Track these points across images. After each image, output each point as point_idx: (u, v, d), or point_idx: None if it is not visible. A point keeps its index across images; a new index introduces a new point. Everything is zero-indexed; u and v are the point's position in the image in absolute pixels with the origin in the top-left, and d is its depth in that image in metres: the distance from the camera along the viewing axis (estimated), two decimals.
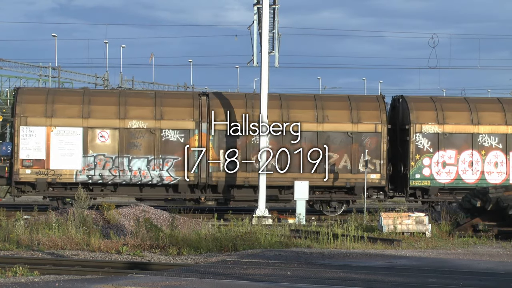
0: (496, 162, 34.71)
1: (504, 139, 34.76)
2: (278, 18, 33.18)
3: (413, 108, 34.98)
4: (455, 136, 34.74)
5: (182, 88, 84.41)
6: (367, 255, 21.26)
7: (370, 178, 33.88)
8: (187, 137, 33.56)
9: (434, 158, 34.39)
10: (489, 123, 34.93)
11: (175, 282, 16.09)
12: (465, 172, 34.65)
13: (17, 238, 22.65)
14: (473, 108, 35.18)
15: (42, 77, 75.34)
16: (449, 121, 34.82)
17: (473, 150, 34.65)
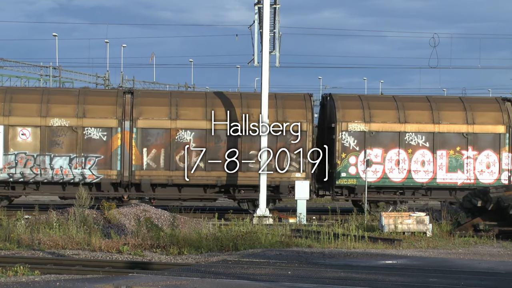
0: (423, 161, 34.40)
1: (431, 138, 34.46)
2: (279, 18, 33.20)
3: (339, 106, 34.65)
4: (382, 135, 34.43)
5: (182, 88, 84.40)
6: (368, 254, 21.27)
7: (295, 176, 33.69)
8: (109, 136, 33.48)
9: (361, 157, 34.04)
10: (416, 121, 34.59)
11: (176, 282, 16.10)
12: (391, 171, 34.35)
13: (18, 238, 22.65)
14: (400, 107, 34.85)
15: (43, 76, 75.34)
16: (376, 120, 34.45)
17: (400, 149, 34.36)
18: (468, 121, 34.84)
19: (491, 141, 34.92)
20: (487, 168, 34.78)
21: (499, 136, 34.89)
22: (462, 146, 34.63)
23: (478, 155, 34.78)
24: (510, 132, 34.90)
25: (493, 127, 35.04)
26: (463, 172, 34.14)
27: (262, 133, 32.57)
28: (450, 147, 34.61)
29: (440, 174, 34.57)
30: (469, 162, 34.52)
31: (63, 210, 26.77)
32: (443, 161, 34.56)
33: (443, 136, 34.63)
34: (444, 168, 34.58)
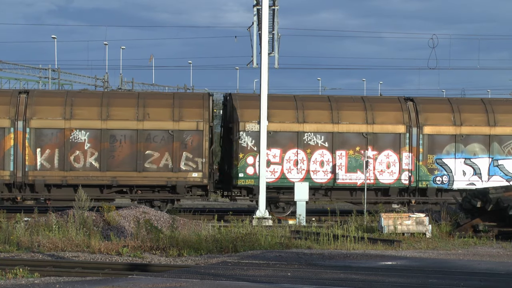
0: (322, 161, 34.21)
1: (331, 138, 34.25)
2: (278, 19, 33.20)
3: (238, 106, 34.50)
4: (280, 135, 34.22)
5: (182, 90, 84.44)
6: (367, 255, 21.26)
7: (192, 176, 33.64)
8: (2, 136, 33.44)
9: (259, 157, 33.71)
10: (315, 121, 34.38)
11: (176, 284, 16.09)
12: (290, 171, 34.15)
13: (17, 240, 22.65)
14: (300, 106, 34.61)
15: (42, 79, 75.37)
16: (274, 119, 34.14)
17: (298, 149, 34.17)
18: (368, 120, 34.43)
19: (392, 141, 34.62)
20: (387, 168, 34.48)
21: (399, 136, 34.61)
22: (362, 146, 34.32)
23: (378, 155, 34.48)
24: (411, 132, 34.60)
25: (393, 126, 34.72)
26: (363, 172, 33.61)
27: (262, 132, 32.58)
28: (349, 147, 34.28)
29: (340, 175, 34.31)
30: (369, 162, 34.07)
31: (63, 212, 26.77)
32: (343, 161, 34.29)
33: (342, 136, 34.35)
34: (343, 168, 34.30)
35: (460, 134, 34.79)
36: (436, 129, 34.69)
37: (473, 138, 34.97)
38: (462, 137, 34.76)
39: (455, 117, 35.05)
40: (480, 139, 34.94)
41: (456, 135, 34.81)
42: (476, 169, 34.80)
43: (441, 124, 34.92)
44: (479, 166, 34.83)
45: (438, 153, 34.72)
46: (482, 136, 34.96)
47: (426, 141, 34.62)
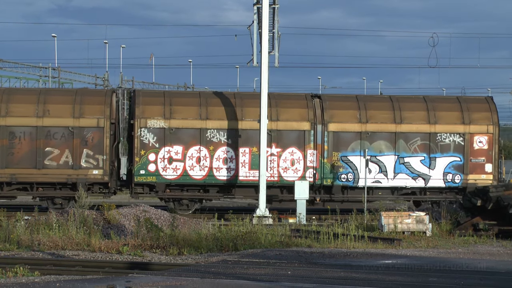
0: (226, 158, 33.88)
1: (234, 135, 33.95)
2: (278, 18, 33.19)
3: (140, 102, 34.12)
4: (183, 132, 33.88)
5: (182, 88, 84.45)
6: (367, 254, 21.27)
7: (92, 174, 33.40)
8: None
9: (160, 154, 33.54)
10: (218, 118, 34.10)
11: (176, 282, 16.10)
12: (192, 168, 33.82)
13: (17, 239, 22.66)
14: (203, 103, 34.32)
15: (42, 77, 75.35)
16: (176, 116, 33.92)
17: (201, 146, 33.85)
18: (272, 117, 33.99)
19: (296, 138, 34.22)
20: (292, 165, 34.10)
21: (304, 133, 34.23)
22: (266, 143, 33.65)
23: (283, 152, 34.09)
24: (316, 129, 34.25)
25: (298, 123, 34.29)
26: (266, 169, 33.19)
27: (262, 132, 32.58)
28: (253, 144, 33.90)
29: (243, 172, 33.96)
30: (273, 159, 33.87)
31: (63, 211, 26.77)
32: (246, 158, 33.98)
33: (246, 133, 34.01)
34: (247, 165, 33.98)
35: (365, 132, 34.39)
36: (341, 126, 34.21)
37: (379, 136, 34.55)
38: (368, 134, 34.36)
39: (361, 114, 34.57)
40: (386, 137, 34.54)
41: (361, 133, 34.39)
42: (382, 167, 34.41)
43: (346, 121, 34.42)
44: (384, 164, 34.43)
45: (343, 150, 34.32)
46: (388, 133, 34.56)
47: (331, 139, 34.22)
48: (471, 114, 35.21)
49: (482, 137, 35.09)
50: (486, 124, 35.28)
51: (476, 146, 35.05)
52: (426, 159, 34.68)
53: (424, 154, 34.70)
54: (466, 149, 34.89)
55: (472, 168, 34.89)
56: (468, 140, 34.93)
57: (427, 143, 34.72)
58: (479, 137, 35.08)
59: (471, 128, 34.94)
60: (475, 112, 35.39)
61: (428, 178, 34.63)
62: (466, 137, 34.92)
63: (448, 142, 34.87)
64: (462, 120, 34.98)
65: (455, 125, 34.99)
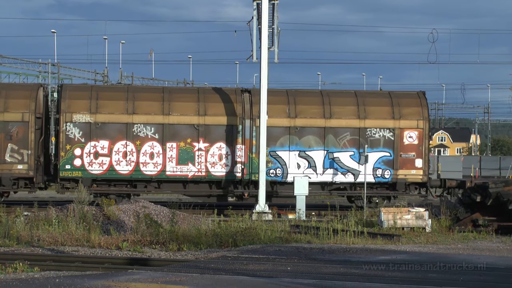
0: (152, 153, 33.72)
1: (161, 130, 33.75)
2: (278, 14, 33.18)
3: (66, 97, 33.93)
4: (109, 126, 33.72)
5: (181, 84, 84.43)
6: (367, 250, 21.27)
7: (17, 168, 33.32)
8: None
9: (86, 149, 33.44)
10: (145, 113, 33.92)
11: (175, 278, 16.11)
12: (119, 163, 33.65)
13: (17, 235, 22.66)
14: (130, 98, 34.09)
15: (42, 73, 75.32)
16: (103, 111, 33.72)
17: (127, 141, 33.65)
18: (200, 112, 33.90)
19: (224, 133, 34.08)
20: (220, 160, 33.95)
21: (231, 128, 34.07)
22: (193, 138, 33.87)
23: (210, 147, 33.97)
24: (244, 124, 34.06)
25: (226, 118, 34.19)
26: (194, 164, 33.38)
27: (262, 129, 32.57)
28: (181, 139, 33.79)
29: (170, 167, 33.79)
30: (200, 155, 33.81)
31: (63, 207, 26.77)
32: (173, 153, 33.81)
33: (173, 128, 33.85)
34: (174, 160, 33.83)
35: (294, 127, 34.23)
36: (270, 121, 33.67)
37: (308, 131, 34.38)
38: (297, 129, 34.21)
39: (290, 109, 34.41)
40: (315, 132, 34.39)
41: (290, 127, 34.25)
42: (311, 162, 34.25)
43: (275, 116, 34.14)
44: (314, 159, 34.29)
45: (272, 145, 34.11)
46: (317, 128, 34.40)
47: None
48: (402, 109, 34.92)
49: (412, 132, 34.85)
50: (417, 119, 35.00)
51: (406, 141, 34.79)
52: (356, 154, 34.45)
53: (354, 149, 34.50)
54: (396, 144, 34.67)
55: (402, 163, 34.64)
56: (398, 135, 34.70)
57: (356, 138, 34.51)
58: (409, 132, 34.83)
59: (401, 123, 34.67)
60: (405, 107, 35.11)
61: (357, 173, 34.39)
62: (396, 132, 34.69)
63: (378, 137, 34.65)
64: (392, 115, 34.73)
65: (385, 120, 34.72)
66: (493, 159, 74.08)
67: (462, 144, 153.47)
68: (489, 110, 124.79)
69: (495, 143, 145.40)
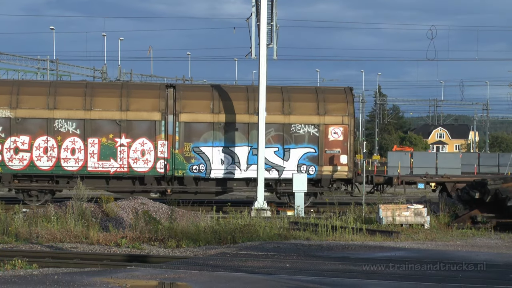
0: (74, 149, 33.37)
1: (82, 125, 33.44)
2: (276, 11, 33.16)
3: None
4: (30, 121, 33.35)
5: (180, 81, 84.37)
6: (366, 247, 21.28)
7: None
8: None
9: (6, 144, 33.09)
10: (66, 108, 33.56)
11: (174, 275, 16.11)
12: (39, 158, 33.31)
13: (15, 231, 22.65)
14: (52, 93, 33.72)
15: (40, 70, 75.28)
16: (23, 106, 33.41)
17: (48, 136, 33.31)
18: (122, 107, 33.63)
19: (147, 128, 33.76)
20: (142, 156, 33.67)
21: (154, 123, 33.80)
22: (115, 134, 33.54)
23: (133, 142, 33.63)
24: (167, 119, 33.79)
25: (149, 114, 33.87)
26: (116, 160, 33.17)
27: (260, 127, 32.56)
28: (102, 135, 33.51)
29: (91, 162, 33.52)
30: (122, 150, 33.54)
31: (61, 204, 26.76)
32: (95, 148, 33.53)
33: (95, 123, 33.56)
34: (96, 156, 33.54)
35: (218, 122, 33.91)
36: (193, 116, 33.73)
37: (232, 126, 34.07)
38: (221, 125, 33.93)
39: (213, 104, 34.15)
40: (239, 127, 34.08)
41: (214, 123, 33.95)
42: (235, 158, 33.93)
43: (198, 111, 33.98)
44: (238, 155, 33.94)
45: (195, 141, 33.87)
46: (242, 124, 34.06)
47: (183, 129, 33.77)
48: (327, 105, 34.47)
49: (337, 128, 34.45)
50: (342, 115, 34.58)
51: (331, 137, 34.39)
52: (280, 150, 34.15)
53: (278, 145, 34.17)
54: (321, 140, 34.27)
55: (327, 159, 34.25)
56: (323, 131, 34.30)
57: (281, 134, 34.15)
58: (334, 128, 34.44)
59: (326, 119, 34.22)
60: (331, 103, 34.68)
61: (282, 169, 34.10)
62: (321, 128, 34.29)
63: (302, 133, 34.27)
64: (317, 111, 34.33)
65: (310, 116, 34.32)
66: (492, 156, 74.20)
67: (460, 141, 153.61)
68: (488, 107, 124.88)
69: (494, 139, 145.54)
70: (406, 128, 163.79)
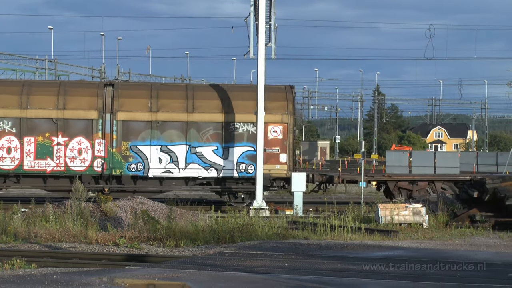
0: (10, 147, 33.21)
1: (18, 123, 33.21)
2: (275, 10, 33.18)
3: None
4: None
5: (179, 81, 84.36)
6: (364, 246, 21.28)
7: None
8: None
9: None
10: (2, 106, 33.32)
11: (173, 274, 16.11)
12: None
13: (14, 231, 22.65)
14: None
15: (39, 69, 75.24)
16: None
17: None
18: (59, 106, 33.38)
19: (84, 127, 33.56)
20: (79, 155, 33.48)
21: (91, 122, 33.58)
22: (52, 132, 33.33)
23: (70, 141, 33.43)
24: (104, 118, 33.58)
25: (86, 112, 33.63)
26: (52, 159, 32.93)
27: (259, 126, 32.55)
28: (39, 133, 33.27)
29: (28, 161, 33.28)
30: (59, 149, 33.39)
31: (60, 203, 26.76)
32: (31, 147, 33.30)
33: (31, 122, 33.33)
34: (32, 155, 33.33)
35: (156, 121, 33.73)
36: (131, 115, 33.59)
37: (170, 125, 33.88)
38: (158, 123, 33.73)
39: (152, 103, 33.98)
40: (177, 126, 33.87)
41: (152, 122, 33.77)
42: (173, 157, 33.74)
43: (136, 110, 33.83)
44: (176, 154, 33.77)
45: (133, 140, 33.67)
46: (180, 123, 33.87)
47: (120, 128, 33.57)
48: (267, 103, 33.95)
49: (276, 127, 34.17)
50: (281, 114, 34.29)
51: (270, 135, 34.13)
52: (219, 149, 33.95)
53: (217, 143, 33.97)
54: None
55: (266, 158, 33.80)
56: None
57: (220, 133, 33.97)
58: (273, 126, 34.18)
59: (265, 118, 33.72)
60: (270, 102, 34.28)
61: (221, 168, 33.88)
62: None
63: (241, 131, 34.04)
64: (256, 109, 33.80)
65: (249, 114, 33.94)
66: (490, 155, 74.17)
67: (459, 140, 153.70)
68: (486, 106, 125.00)
69: (492, 138, 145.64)
70: (404, 127, 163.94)
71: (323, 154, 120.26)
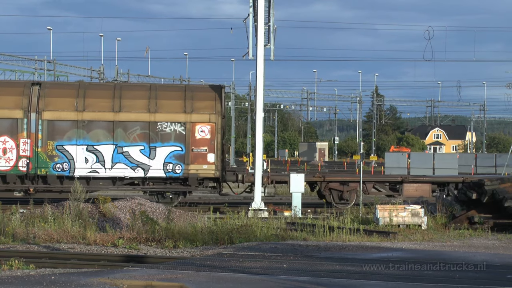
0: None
1: (15, 124, 33.20)
2: (274, 11, 33.18)
3: None
4: None
5: (178, 81, 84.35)
6: (363, 247, 21.28)
7: None
8: None
9: None
10: None
11: (171, 275, 16.10)
12: None
13: (12, 232, 22.63)
14: None
15: (38, 70, 75.20)
16: None
17: None
18: None
19: (9, 126, 33.31)
20: (4, 154, 33.24)
21: (16, 121, 33.33)
22: None
23: None
24: (29, 117, 33.33)
25: (10, 111, 33.38)
26: None
27: (258, 126, 32.55)
28: None
29: None
30: None
31: (58, 204, 26.76)
32: None
33: None
34: None
35: (82, 120, 33.52)
36: (57, 114, 33.28)
37: (97, 125, 33.67)
38: (85, 123, 33.51)
39: (78, 102, 33.74)
40: (104, 126, 33.65)
41: (78, 121, 33.54)
42: (100, 156, 33.55)
43: (62, 109, 33.61)
44: (102, 153, 33.59)
45: (59, 139, 33.48)
46: (106, 122, 33.66)
47: (46, 127, 33.36)
48: (194, 103, 34.02)
49: (204, 127, 33.97)
50: (209, 113, 34.09)
51: (198, 135, 33.93)
52: (146, 149, 33.75)
53: (144, 143, 33.77)
54: (188, 139, 33.78)
55: (194, 158, 33.76)
56: (189, 130, 33.79)
57: (147, 132, 33.73)
58: (201, 126, 33.97)
59: (193, 117, 33.73)
60: (198, 101, 34.25)
61: (148, 168, 33.70)
62: (188, 126, 33.80)
63: (169, 131, 33.86)
64: (184, 109, 33.88)
65: (176, 114, 33.88)
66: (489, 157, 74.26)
67: (457, 142, 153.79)
68: (485, 108, 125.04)
69: (491, 140, 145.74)
70: (403, 128, 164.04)
71: (321, 156, 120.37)
